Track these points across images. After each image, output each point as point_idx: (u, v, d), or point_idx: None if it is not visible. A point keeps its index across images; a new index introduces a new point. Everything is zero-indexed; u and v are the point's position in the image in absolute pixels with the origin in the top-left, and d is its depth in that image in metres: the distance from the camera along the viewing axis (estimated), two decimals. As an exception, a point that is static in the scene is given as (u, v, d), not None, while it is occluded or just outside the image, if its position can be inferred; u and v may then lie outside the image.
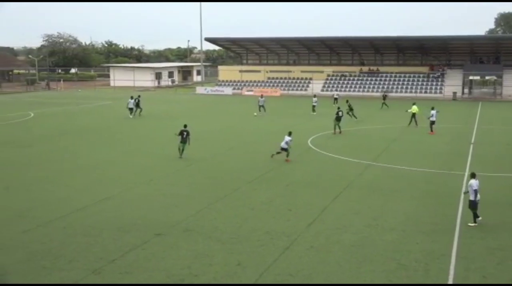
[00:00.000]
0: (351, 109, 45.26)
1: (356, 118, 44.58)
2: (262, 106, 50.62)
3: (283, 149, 27.75)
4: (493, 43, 79.02)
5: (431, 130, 37.78)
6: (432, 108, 38.37)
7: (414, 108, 41.57)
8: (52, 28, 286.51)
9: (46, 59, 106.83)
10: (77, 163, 27.44)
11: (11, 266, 13.93)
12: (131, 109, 46.76)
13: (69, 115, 50.12)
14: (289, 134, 28.18)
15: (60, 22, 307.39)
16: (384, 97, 58.28)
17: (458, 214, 18.75)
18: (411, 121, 41.42)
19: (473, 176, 17.69)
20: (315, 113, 50.50)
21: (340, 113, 38.03)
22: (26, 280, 13.16)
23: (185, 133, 28.46)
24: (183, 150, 28.45)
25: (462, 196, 21.10)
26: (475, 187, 17.17)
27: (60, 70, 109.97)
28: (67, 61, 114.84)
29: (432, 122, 37.98)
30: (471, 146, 32.84)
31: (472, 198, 17.28)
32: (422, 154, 30.16)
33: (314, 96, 54.75)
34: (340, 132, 37.54)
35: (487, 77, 78.07)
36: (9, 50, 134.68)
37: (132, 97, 47.65)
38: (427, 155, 29.76)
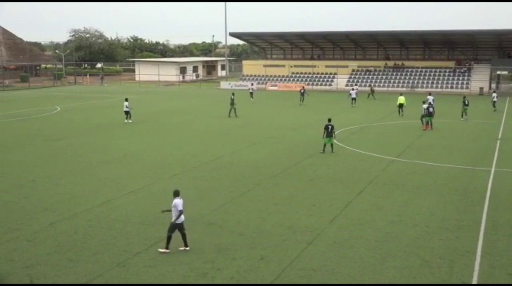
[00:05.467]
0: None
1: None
2: (252, 93, 59.88)
3: None
4: (522, 37, 77.63)
5: (424, 124, 37.53)
6: (423, 102, 39.20)
7: (401, 99, 44.35)
8: (79, 23, 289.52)
9: (73, 54, 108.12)
10: (104, 156, 27.78)
11: (39, 258, 14.20)
12: (126, 112, 40.96)
13: (95, 109, 50.71)
14: None
15: (87, 17, 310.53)
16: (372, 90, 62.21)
17: (484, 211, 18.54)
18: (399, 111, 44.21)
19: (176, 194, 14.84)
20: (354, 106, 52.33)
21: (430, 109, 37.62)
22: (53, 272, 13.40)
23: (329, 127, 28.51)
24: (332, 144, 28.75)
25: (488, 192, 20.90)
26: (181, 207, 14.51)
27: (86, 65, 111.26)
28: (93, 56, 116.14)
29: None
30: (498, 142, 32.38)
31: (174, 220, 14.61)
32: (448, 149, 29.84)
33: (353, 89, 55.96)
34: (431, 128, 37.01)
35: (515, 72, 76.71)
36: (37, 45, 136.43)
37: (127, 100, 42.00)
38: (453, 151, 29.43)
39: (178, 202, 14.61)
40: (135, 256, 14.38)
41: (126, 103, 41.16)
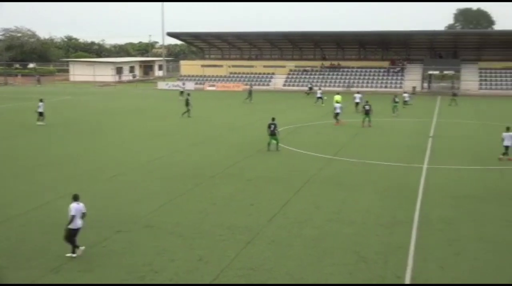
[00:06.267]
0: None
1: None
2: (182, 92, 60.15)
3: None
4: (452, 38, 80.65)
5: (337, 122, 39.70)
6: (337, 102, 41.69)
7: (337, 98, 44.82)
8: (10, 22, 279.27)
9: (3, 54, 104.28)
10: (41, 159, 26.94)
11: (-34, 266, 13.62)
12: (40, 113, 39.29)
13: (29, 111, 48.91)
14: (507, 129, 26.47)
15: (18, 16, 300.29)
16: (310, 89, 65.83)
17: (417, 206, 19.11)
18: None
19: (74, 198, 14.41)
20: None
21: (367, 107, 38.81)
22: (-18, 280, 12.89)
23: (272, 126, 28.70)
24: (276, 142, 29.00)
25: (421, 189, 21.55)
26: (73, 212, 14.01)
27: (18, 65, 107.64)
28: (25, 56, 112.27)
29: (337, 114, 40.00)
30: (430, 139, 33.47)
31: (70, 225, 14.06)
32: (382, 147, 30.60)
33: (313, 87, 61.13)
34: (369, 125, 38.16)
35: (445, 72, 79.59)
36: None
37: (41, 100, 40.03)
38: (387, 149, 30.20)
39: (72, 206, 14.15)
40: (70, 261, 13.96)
41: (40, 103, 39.38)
